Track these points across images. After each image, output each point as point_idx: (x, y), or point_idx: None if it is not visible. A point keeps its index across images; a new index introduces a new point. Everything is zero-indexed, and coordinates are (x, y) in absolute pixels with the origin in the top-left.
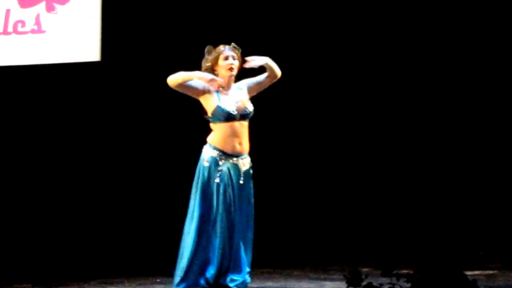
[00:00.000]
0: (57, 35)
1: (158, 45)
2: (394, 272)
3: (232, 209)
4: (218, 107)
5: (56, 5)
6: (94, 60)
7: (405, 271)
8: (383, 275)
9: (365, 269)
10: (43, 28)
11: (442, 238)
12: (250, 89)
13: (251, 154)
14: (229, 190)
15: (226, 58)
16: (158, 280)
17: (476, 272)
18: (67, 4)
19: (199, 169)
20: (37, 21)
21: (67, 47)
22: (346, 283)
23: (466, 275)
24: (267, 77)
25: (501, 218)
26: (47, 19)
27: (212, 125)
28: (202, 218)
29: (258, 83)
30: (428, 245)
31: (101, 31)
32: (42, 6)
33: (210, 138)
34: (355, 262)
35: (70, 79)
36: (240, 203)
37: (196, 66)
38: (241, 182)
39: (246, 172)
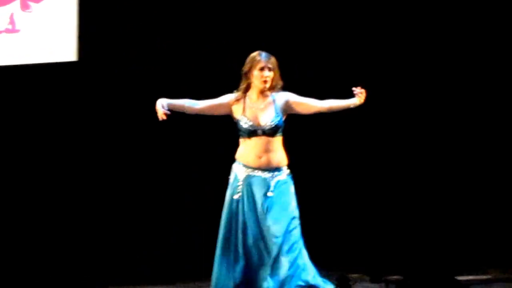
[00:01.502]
0: (32, 34)
1: (137, 44)
2: (383, 278)
3: (248, 224)
4: (238, 122)
5: (31, 3)
6: (71, 60)
7: (395, 277)
8: (372, 281)
9: (354, 275)
10: (17, 27)
11: (432, 244)
12: (288, 105)
13: None
14: (247, 206)
15: (262, 69)
16: None
17: (471, 277)
18: (42, 2)
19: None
20: (11, 20)
21: (42, 47)
22: None
23: (459, 281)
24: (326, 109)
25: (494, 223)
26: (21, 18)
27: (240, 138)
28: (226, 234)
29: (302, 105)
30: (417, 251)
31: (78, 30)
32: (16, 4)
33: (237, 153)
34: (344, 268)
35: (46, 80)
36: (271, 215)
37: (181, 65)
38: (269, 194)
39: (278, 183)
